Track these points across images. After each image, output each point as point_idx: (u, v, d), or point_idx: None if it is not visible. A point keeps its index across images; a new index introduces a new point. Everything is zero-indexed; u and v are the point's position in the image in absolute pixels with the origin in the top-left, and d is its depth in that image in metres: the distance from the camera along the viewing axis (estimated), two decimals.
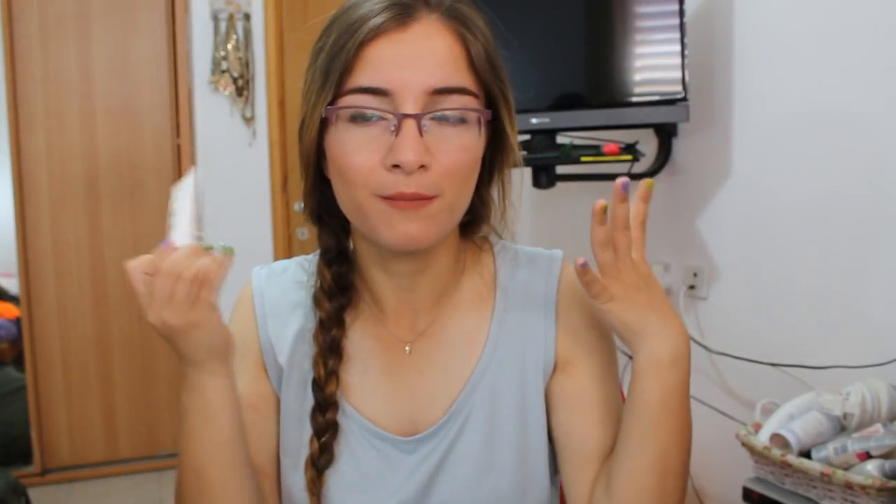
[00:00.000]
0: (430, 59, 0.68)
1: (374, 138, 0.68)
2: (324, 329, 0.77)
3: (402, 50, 0.67)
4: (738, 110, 1.76)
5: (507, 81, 0.75)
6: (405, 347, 0.79)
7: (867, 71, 1.47)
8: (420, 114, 0.67)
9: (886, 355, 1.41)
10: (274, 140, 3.04)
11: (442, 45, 0.69)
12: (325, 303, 0.78)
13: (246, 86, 2.97)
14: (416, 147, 0.66)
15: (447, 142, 0.68)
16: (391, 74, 0.67)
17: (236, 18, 2.95)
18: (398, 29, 0.68)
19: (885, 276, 1.45)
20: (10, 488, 2.14)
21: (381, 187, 0.67)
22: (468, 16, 0.72)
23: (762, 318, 1.72)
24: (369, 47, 0.67)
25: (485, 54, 0.71)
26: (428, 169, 0.67)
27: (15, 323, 3.25)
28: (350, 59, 0.67)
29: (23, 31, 2.82)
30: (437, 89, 0.68)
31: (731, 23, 1.76)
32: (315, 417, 0.76)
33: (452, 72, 0.69)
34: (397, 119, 0.67)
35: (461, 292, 0.81)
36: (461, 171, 0.69)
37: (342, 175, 0.69)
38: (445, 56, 0.68)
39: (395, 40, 0.68)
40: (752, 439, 1.39)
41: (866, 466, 1.22)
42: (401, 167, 0.66)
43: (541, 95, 1.81)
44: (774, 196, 1.68)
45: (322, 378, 0.76)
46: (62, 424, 2.99)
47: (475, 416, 0.77)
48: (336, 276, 0.79)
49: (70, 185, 2.92)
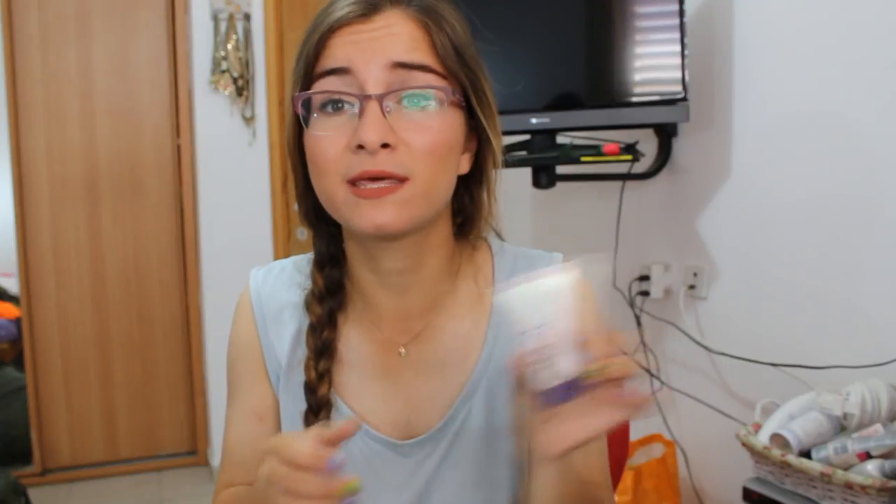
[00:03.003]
0: (389, 39, 0.69)
1: (343, 125, 0.69)
2: (314, 332, 0.78)
3: (363, 35, 0.69)
4: (738, 110, 1.76)
5: (482, 75, 0.74)
6: (400, 350, 0.79)
7: (867, 71, 1.47)
8: (381, 94, 0.68)
9: (886, 355, 1.41)
10: (274, 140, 3.03)
11: (402, 29, 0.70)
12: (315, 306, 0.78)
13: (246, 86, 2.97)
14: (377, 126, 0.67)
15: (412, 122, 0.69)
16: (351, 54, 0.69)
17: (236, 18, 2.94)
18: (361, 20, 0.70)
19: (885, 275, 1.45)
20: (10, 488, 2.15)
21: (347, 169, 0.68)
22: (434, 8, 0.72)
23: (762, 318, 1.72)
24: (333, 37, 0.70)
25: (450, 42, 0.71)
26: (394, 149, 0.67)
27: (15, 323, 3.26)
28: (316, 48, 0.70)
29: (23, 31, 2.83)
30: (397, 62, 0.68)
31: (731, 23, 1.76)
32: (308, 419, 0.76)
33: (412, 49, 0.69)
34: (360, 101, 0.68)
35: (457, 295, 0.80)
36: (432, 152, 0.69)
37: (315, 164, 0.71)
38: (405, 37, 0.70)
39: (358, 29, 0.69)
40: (752, 439, 1.39)
41: (866, 466, 1.22)
42: (364, 147, 0.66)
43: (541, 95, 1.80)
44: (774, 196, 1.68)
45: (313, 380, 0.76)
46: (62, 424, 2.99)
47: (473, 420, 0.77)
48: (327, 280, 0.79)
49: (70, 185, 2.93)
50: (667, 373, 2.04)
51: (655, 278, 1.99)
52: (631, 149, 1.82)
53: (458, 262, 0.81)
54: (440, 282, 0.79)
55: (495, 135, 0.76)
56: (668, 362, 2.03)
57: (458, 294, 0.80)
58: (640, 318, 2.06)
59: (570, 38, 1.83)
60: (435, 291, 0.79)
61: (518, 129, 1.80)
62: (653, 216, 2.07)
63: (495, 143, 0.76)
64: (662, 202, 2.03)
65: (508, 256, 0.83)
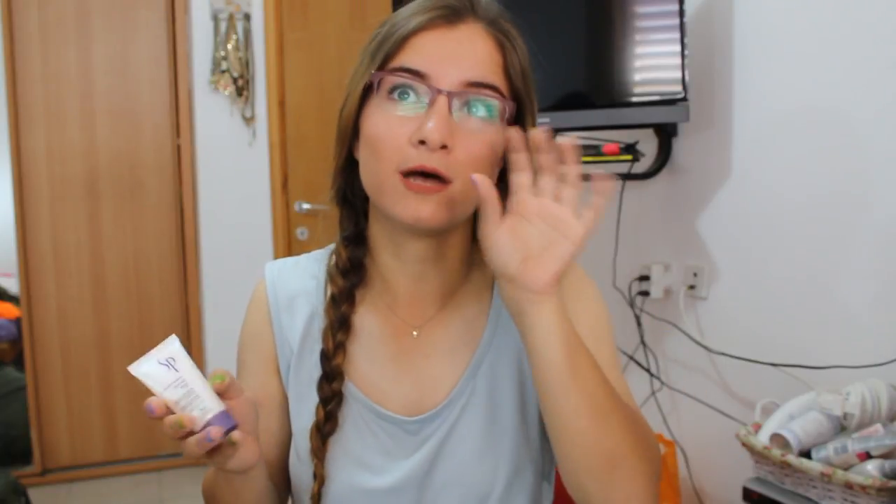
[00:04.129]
0: (470, 56, 0.73)
1: (407, 116, 0.72)
2: (335, 304, 0.81)
3: (446, 44, 0.73)
4: (738, 110, 1.76)
5: (535, 99, 0.80)
6: (413, 332, 0.82)
7: (867, 71, 1.47)
8: (453, 91, 0.71)
9: (886, 355, 1.41)
10: (274, 140, 3.03)
11: (483, 47, 0.74)
12: (338, 279, 0.82)
13: (246, 86, 2.97)
14: (442, 126, 0.70)
15: (472, 130, 0.72)
16: (432, 61, 0.72)
17: (236, 18, 2.95)
18: (446, 27, 0.74)
19: (884, 275, 1.45)
20: (10, 488, 2.15)
21: (404, 160, 0.71)
22: (510, 30, 0.78)
23: (762, 318, 1.72)
24: (416, 37, 0.73)
25: (520, 66, 0.77)
26: (450, 151, 0.71)
27: (15, 323, 3.25)
28: (397, 43, 0.73)
29: (23, 31, 2.82)
30: (471, 82, 0.72)
31: (731, 23, 1.76)
32: (322, 387, 0.79)
33: (488, 72, 0.74)
34: (432, 93, 0.71)
35: (467, 285, 0.85)
36: (480, 161, 0.73)
37: (372, 147, 0.73)
38: (484, 57, 0.74)
39: (441, 35, 0.73)
40: (752, 439, 1.39)
41: (866, 466, 1.22)
42: (426, 143, 0.70)
43: (541, 95, 1.80)
44: (774, 196, 1.68)
45: (330, 350, 0.79)
46: (62, 424, 2.99)
47: (476, 398, 0.80)
48: (352, 257, 0.82)
49: (70, 185, 2.92)
50: (667, 373, 2.04)
51: (655, 278, 2.00)
52: (631, 149, 1.82)
53: (472, 256, 0.85)
54: (456, 273, 0.83)
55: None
56: (668, 362, 2.03)
57: (469, 283, 0.85)
58: (640, 318, 2.06)
59: (571, 39, 1.83)
60: (450, 280, 0.83)
61: None
62: (653, 216, 2.07)
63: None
64: (662, 202, 2.03)
65: None
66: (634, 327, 2.06)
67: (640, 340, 2.06)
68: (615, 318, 2.29)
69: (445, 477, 0.79)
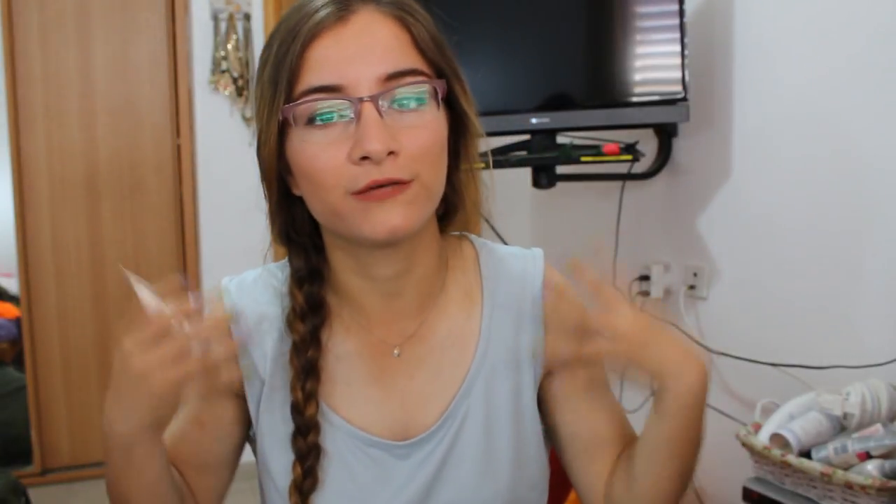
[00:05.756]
0: (376, 49, 0.67)
1: (337, 136, 0.66)
2: (299, 352, 0.74)
3: (347, 44, 0.66)
4: (738, 110, 1.76)
5: (454, 58, 0.73)
6: (394, 351, 0.77)
7: (867, 71, 1.47)
8: (376, 94, 0.65)
9: (886, 355, 1.41)
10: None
11: (386, 32, 0.68)
12: (298, 325, 0.75)
13: (246, 86, 2.97)
14: (381, 134, 0.64)
15: (410, 124, 0.67)
16: (341, 70, 0.66)
17: (236, 18, 2.95)
18: (338, 24, 0.67)
19: (884, 275, 1.45)
20: (10, 488, 2.14)
21: (353, 182, 0.65)
22: (407, 4, 0.71)
23: (762, 318, 1.72)
24: (313, 48, 0.66)
25: (428, 35, 0.70)
26: (397, 154, 0.65)
27: (15, 323, 3.25)
28: (296, 62, 0.66)
29: (23, 31, 2.82)
30: (388, 75, 0.66)
31: (731, 23, 1.76)
32: (296, 442, 0.74)
33: (400, 56, 0.67)
34: (354, 105, 0.65)
35: (447, 292, 0.79)
36: (431, 152, 0.68)
37: (311, 180, 0.67)
38: (391, 42, 0.67)
39: (338, 36, 0.66)
40: (752, 439, 1.39)
41: (866, 466, 1.22)
42: (370, 158, 0.64)
43: (541, 95, 1.80)
44: (774, 196, 1.68)
45: (301, 402, 0.73)
46: (62, 424, 2.99)
47: (472, 418, 0.76)
48: (308, 297, 0.75)
49: (70, 185, 2.92)
50: None
51: (655, 278, 1.99)
52: (631, 149, 1.82)
53: (445, 257, 0.80)
54: (432, 280, 0.78)
55: (473, 114, 0.75)
56: None
57: (448, 290, 0.79)
58: None
59: (571, 38, 1.83)
60: (427, 290, 0.78)
61: (518, 129, 1.80)
62: (653, 216, 2.06)
63: (478, 129, 0.75)
64: (662, 202, 2.03)
65: (490, 251, 0.83)
66: None
67: None
68: None
69: (446, 502, 0.75)
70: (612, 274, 1.76)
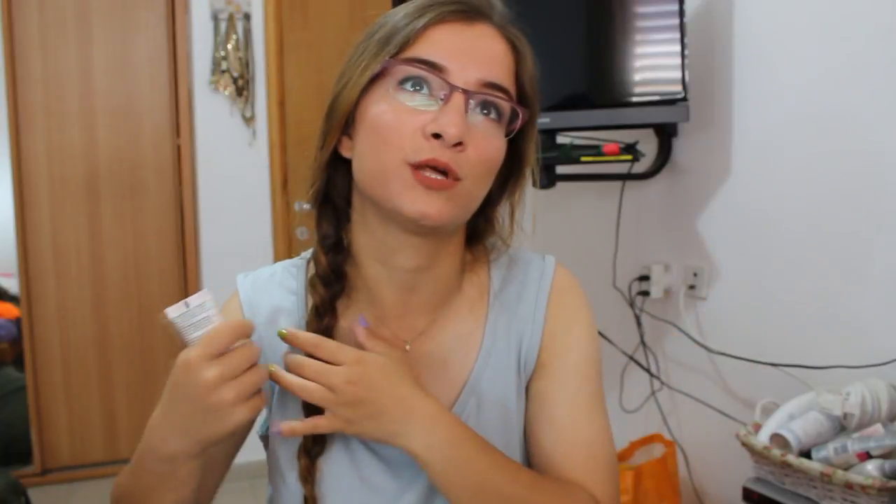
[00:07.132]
0: (488, 55, 0.71)
1: (418, 106, 0.69)
2: (318, 316, 0.75)
3: (465, 38, 0.71)
4: (738, 110, 1.77)
5: (538, 101, 0.78)
6: (406, 346, 0.78)
7: (867, 71, 1.47)
8: (473, 91, 0.69)
9: (886, 355, 1.41)
10: (274, 140, 3.03)
11: (500, 48, 0.73)
12: (320, 288, 0.76)
13: (246, 86, 2.97)
14: (461, 122, 0.67)
15: (484, 131, 0.71)
16: (452, 56, 0.69)
17: (236, 18, 2.94)
18: (465, 21, 0.72)
19: (884, 275, 1.45)
20: (10, 488, 2.14)
21: (416, 152, 0.68)
22: (521, 38, 0.76)
23: (762, 319, 1.72)
24: (436, 28, 0.70)
25: (528, 69, 0.76)
26: (463, 149, 0.68)
27: (15, 323, 3.25)
28: (414, 33, 0.70)
29: (23, 31, 2.82)
30: (488, 82, 0.70)
31: (731, 23, 1.76)
32: (308, 411, 0.74)
33: (502, 72, 0.72)
34: (448, 88, 0.69)
35: (461, 296, 0.81)
36: (487, 163, 0.71)
37: (379, 135, 0.69)
38: (501, 58, 0.73)
39: (461, 30, 0.71)
40: (752, 439, 1.39)
41: (866, 466, 1.22)
42: (442, 137, 0.67)
43: (541, 96, 1.80)
44: (774, 196, 1.68)
45: None
46: (62, 424, 2.99)
47: (472, 418, 0.78)
48: (332, 264, 0.77)
49: (70, 185, 2.92)
50: (667, 373, 2.04)
51: (655, 278, 2.00)
52: (631, 149, 1.82)
53: (464, 264, 0.82)
54: (449, 282, 0.79)
55: (534, 163, 0.80)
56: (668, 362, 2.03)
57: (462, 295, 0.81)
58: (640, 318, 2.06)
59: (571, 39, 1.83)
60: (444, 289, 0.79)
61: None
62: (653, 216, 2.07)
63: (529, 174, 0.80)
64: (662, 202, 2.03)
65: (503, 260, 0.84)
66: (634, 327, 2.06)
67: (640, 340, 2.06)
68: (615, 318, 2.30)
69: None
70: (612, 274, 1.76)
